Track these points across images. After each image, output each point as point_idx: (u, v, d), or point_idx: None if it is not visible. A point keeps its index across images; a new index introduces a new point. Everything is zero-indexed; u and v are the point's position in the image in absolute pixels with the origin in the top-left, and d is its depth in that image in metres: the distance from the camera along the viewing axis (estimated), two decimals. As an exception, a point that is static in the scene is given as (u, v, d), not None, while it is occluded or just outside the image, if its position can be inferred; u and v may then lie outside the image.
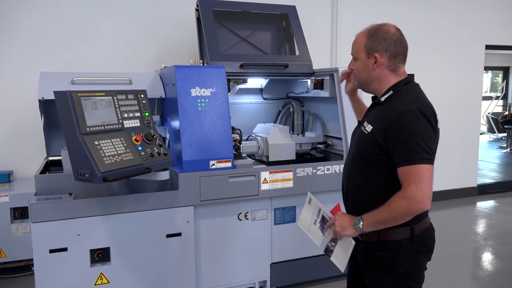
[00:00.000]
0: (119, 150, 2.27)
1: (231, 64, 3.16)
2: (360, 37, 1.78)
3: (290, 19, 3.65)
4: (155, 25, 4.19)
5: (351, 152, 1.86)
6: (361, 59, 1.78)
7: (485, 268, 3.78)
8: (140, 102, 2.54)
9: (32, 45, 3.82)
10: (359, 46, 1.78)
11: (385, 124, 1.63)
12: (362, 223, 1.66)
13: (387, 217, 1.61)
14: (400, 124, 1.60)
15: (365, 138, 1.72)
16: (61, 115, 2.21)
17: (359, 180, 1.78)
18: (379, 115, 1.71)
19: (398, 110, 1.63)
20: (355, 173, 1.80)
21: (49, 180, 2.62)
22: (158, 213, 2.66)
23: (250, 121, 3.77)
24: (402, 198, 1.57)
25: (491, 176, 7.16)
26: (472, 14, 5.67)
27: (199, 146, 2.76)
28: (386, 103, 1.72)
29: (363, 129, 1.75)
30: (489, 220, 5.08)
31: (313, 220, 1.87)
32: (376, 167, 1.70)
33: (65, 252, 2.46)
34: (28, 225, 3.29)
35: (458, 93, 5.73)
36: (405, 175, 1.58)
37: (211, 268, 2.93)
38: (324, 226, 1.81)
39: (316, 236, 1.86)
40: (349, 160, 1.87)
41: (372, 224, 1.65)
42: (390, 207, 1.59)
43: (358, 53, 1.78)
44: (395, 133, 1.60)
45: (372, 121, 1.73)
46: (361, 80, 1.82)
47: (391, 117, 1.62)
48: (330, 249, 1.79)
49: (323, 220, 1.81)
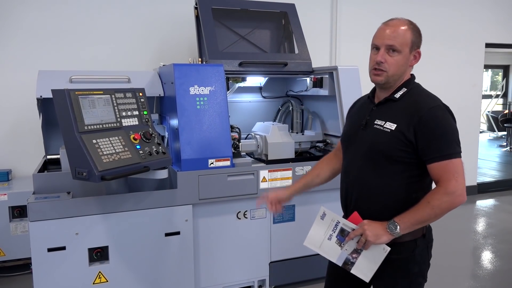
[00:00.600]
0: (117, 148, 2.26)
1: (230, 63, 3.15)
2: (404, 30, 1.66)
3: (289, 17, 3.64)
4: (154, 23, 4.18)
5: (359, 153, 1.73)
6: (404, 53, 1.66)
7: (485, 267, 3.77)
8: (139, 100, 2.53)
9: (31, 43, 3.81)
10: (405, 39, 1.65)
11: (414, 120, 1.59)
12: (399, 227, 1.58)
13: (429, 215, 1.57)
14: (432, 120, 1.58)
15: (390, 137, 1.63)
16: (59, 113, 2.20)
17: (375, 182, 1.68)
18: (401, 112, 1.65)
19: (427, 106, 1.61)
20: (368, 175, 1.69)
21: (48, 179, 2.62)
22: (156, 212, 2.66)
23: (249, 120, 3.76)
24: (443, 194, 1.55)
25: (491, 175, 7.16)
26: (472, 12, 5.66)
27: (198, 145, 2.75)
28: (401, 100, 1.69)
29: (381, 127, 1.66)
30: (489, 219, 5.07)
31: (327, 236, 1.70)
32: (397, 166, 1.64)
33: (63, 250, 2.45)
34: (26, 224, 3.28)
35: (458, 91, 5.71)
36: (442, 170, 1.57)
37: (209, 266, 2.93)
38: (343, 239, 1.66)
39: (332, 252, 1.70)
40: (357, 162, 1.74)
41: (411, 225, 1.59)
42: (431, 205, 1.55)
43: (403, 46, 1.65)
44: (428, 129, 1.58)
45: (392, 118, 1.65)
46: (395, 75, 1.67)
47: (421, 113, 1.59)
48: (350, 262, 1.66)
49: (342, 233, 1.67)
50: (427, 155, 1.59)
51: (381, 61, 1.65)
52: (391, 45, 1.65)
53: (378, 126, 1.67)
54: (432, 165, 1.59)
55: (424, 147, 1.59)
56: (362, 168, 1.72)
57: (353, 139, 1.78)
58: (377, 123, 1.68)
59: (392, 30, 1.66)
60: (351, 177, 1.77)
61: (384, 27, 1.69)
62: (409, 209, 1.59)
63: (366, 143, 1.71)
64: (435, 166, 1.58)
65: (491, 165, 8.08)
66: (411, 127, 1.60)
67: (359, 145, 1.74)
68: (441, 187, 1.57)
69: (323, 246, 1.71)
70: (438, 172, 1.58)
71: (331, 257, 1.71)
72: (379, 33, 1.70)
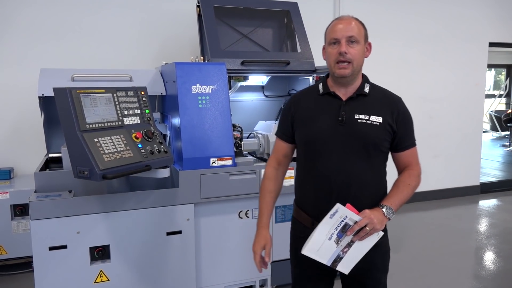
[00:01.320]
0: (118, 147, 2.26)
1: (232, 61, 3.14)
2: (356, 23, 1.73)
3: (291, 16, 3.62)
4: (156, 21, 4.17)
5: (347, 149, 1.70)
6: (362, 44, 1.72)
7: (488, 267, 3.76)
8: (140, 99, 2.52)
9: (32, 42, 3.81)
10: (360, 30, 1.71)
11: (394, 112, 1.73)
12: (393, 210, 1.67)
13: (409, 195, 1.73)
14: (406, 112, 1.77)
15: (381, 129, 1.70)
16: (61, 112, 2.20)
17: (367, 174, 1.71)
18: (379, 105, 1.73)
19: (397, 99, 1.79)
20: (360, 168, 1.70)
21: (49, 177, 2.61)
22: (158, 211, 2.65)
23: (251, 119, 3.74)
24: (417, 176, 1.78)
25: (494, 175, 7.13)
26: (475, 11, 5.63)
27: (200, 144, 2.74)
28: (371, 94, 1.76)
29: (367, 121, 1.69)
30: (491, 219, 5.05)
31: (328, 236, 1.63)
32: (382, 156, 1.77)
33: (64, 249, 2.45)
34: (28, 222, 3.28)
35: (461, 90, 5.70)
36: (412, 156, 1.79)
37: (211, 266, 2.92)
38: (342, 236, 1.63)
39: (327, 252, 1.65)
40: (345, 158, 1.70)
41: (398, 207, 1.70)
42: (412, 186, 1.74)
43: (360, 37, 1.70)
44: (405, 119, 1.75)
45: (374, 112, 1.71)
46: (358, 65, 1.72)
47: (399, 106, 1.76)
48: (339, 258, 1.65)
49: (343, 229, 1.62)
50: (403, 143, 1.76)
51: (345, 51, 1.67)
52: (351, 36, 1.69)
53: (363, 120, 1.70)
54: (405, 152, 1.78)
55: (402, 136, 1.75)
56: (355, 163, 1.70)
57: (328, 136, 1.72)
58: (360, 118, 1.70)
59: (347, 23, 1.71)
60: (340, 174, 1.70)
61: (338, 22, 1.73)
62: (392, 193, 1.73)
63: (355, 138, 1.69)
64: (407, 153, 1.78)
65: (494, 165, 8.04)
66: (394, 119, 1.73)
67: (343, 141, 1.70)
68: (413, 170, 1.78)
69: (321, 249, 1.65)
70: (409, 158, 1.79)
71: (324, 259, 1.66)
72: (336, 28, 1.72)
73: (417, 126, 4.16)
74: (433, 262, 3.81)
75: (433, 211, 5.31)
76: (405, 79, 5.30)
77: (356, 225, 1.60)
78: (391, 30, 5.17)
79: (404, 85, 5.29)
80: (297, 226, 1.89)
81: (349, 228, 1.61)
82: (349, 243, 1.64)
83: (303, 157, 1.83)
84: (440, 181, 5.73)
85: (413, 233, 4.54)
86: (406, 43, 5.27)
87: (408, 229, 4.67)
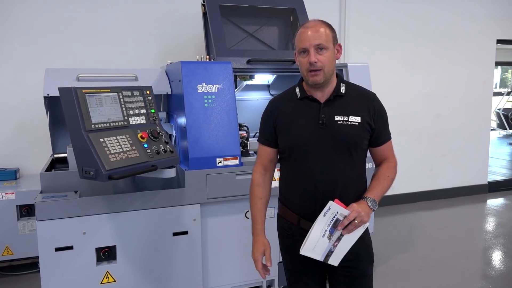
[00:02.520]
0: (124, 147, 2.24)
1: (238, 60, 3.11)
2: (323, 27, 1.73)
3: (297, 14, 3.59)
4: (161, 20, 4.15)
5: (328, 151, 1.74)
6: (330, 49, 1.73)
7: (497, 267, 3.71)
8: (146, 98, 2.50)
9: (37, 42, 3.80)
10: (327, 36, 1.72)
11: (371, 110, 1.78)
12: (376, 202, 1.72)
13: (389, 187, 1.81)
14: (381, 107, 1.83)
15: (360, 129, 1.75)
16: (66, 112, 2.18)
17: (350, 172, 1.77)
18: (356, 104, 1.78)
19: (372, 95, 1.84)
20: (344, 168, 1.75)
21: (55, 178, 2.60)
22: (164, 211, 2.63)
23: (256, 118, 3.66)
24: (395, 168, 1.85)
25: (502, 173, 7.07)
26: (482, 9, 5.57)
27: (206, 143, 2.72)
28: (347, 94, 1.79)
29: (346, 122, 1.74)
30: (500, 218, 5.00)
31: (322, 233, 1.67)
32: (363, 154, 1.82)
33: (70, 250, 2.44)
34: (34, 223, 3.28)
35: (468, 88, 5.64)
36: (388, 149, 1.86)
37: (218, 266, 2.90)
38: (333, 231, 1.67)
39: (320, 250, 1.69)
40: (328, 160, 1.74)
41: (379, 199, 1.76)
42: (390, 178, 1.81)
43: (328, 42, 1.72)
44: (381, 115, 1.81)
45: (352, 112, 1.75)
46: (330, 70, 1.74)
47: (374, 103, 1.81)
48: (330, 252, 1.70)
49: (334, 224, 1.67)
50: (380, 137, 1.82)
51: (315, 61, 1.70)
52: (318, 44, 1.70)
53: (343, 121, 1.75)
54: (382, 146, 1.84)
55: (379, 131, 1.81)
56: (338, 164, 1.75)
57: (311, 140, 1.76)
58: (339, 119, 1.75)
59: (314, 30, 1.72)
60: (325, 175, 1.75)
61: (305, 30, 1.73)
62: (373, 185, 1.78)
63: (337, 140, 1.74)
64: (384, 147, 1.85)
65: (501, 163, 7.98)
66: (371, 116, 1.78)
67: (326, 143, 1.75)
68: (391, 163, 1.86)
69: (316, 246, 1.69)
70: (386, 151, 1.86)
71: (318, 255, 1.70)
72: (303, 37, 1.73)
73: (425, 124, 4.15)
74: (441, 262, 3.77)
75: (441, 210, 5.26)
76: (412, 77, 5.25)
77: (346, 219, 1.64)
78: (397, 28, 5.12)
79: (411, 83, 5.25)
80: (283, 224, 1.92)
81: (339, 223, 1.66)
82: (339, 237, 1.68)
83: (287, 160, 1.86)
84: (448, 179, 5.68)
85: (422, 233, 4.50)
86: (412, 41, 5.21)
87: (416, 228, 4.63)
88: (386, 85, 4.91)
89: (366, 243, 1.86)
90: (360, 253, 1.82)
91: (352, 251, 1.72)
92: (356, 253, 1.77)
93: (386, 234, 4.43)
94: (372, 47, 4.90)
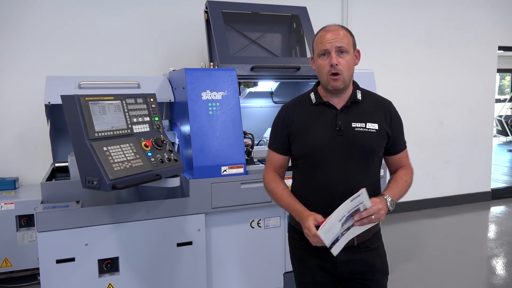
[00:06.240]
0: (128, 156, 2.19)
1: (241, 67, 3.07)
2: (344, 32, 1.71)
3: (301, 20, 3.57)
4: (163, 27, 4.13)
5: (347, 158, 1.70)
6: (351, 53, 1.71)
7: (501, 275, 3.66)
8: (150, 106, 2.46)
9: (38, 49, 3.76)
10: (348, 40, 1.70)
11: (388, 117, 1.76)
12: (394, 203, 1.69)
13: (405, 192, 1.78)
14: (398, 115, 1.82)
15: (378, 136, 1.73)
16: (69, 120, 2.13)
17: (367, 180, 1.72)
18: (373, 111, 1.75)
19: (388, 103, 1.82)
20: (360, 175, 1.71)
21: (56, 188, 2.54)
22: (168, 221, 2.57)
23: (260, 126, 3.67)
24: (411, 174, 1.83)
25: (503, 180, 7.04)
26: (484, 15, 5.57)
27: (211, 152, 2.67)
28: (363, 100, 1.77)
29: (364, 129, 1.71)
30: (503, 226, 4.95)
31: (339, 218, 1.59)
32: (379, 160, 1.80)
33: (72, 262, 2.37)
34: (34, 233, 3.21)
35: (470, 95, 5.62)
36: (405, 156, 1.86)
37: (223, 277, 2.83)
38: (348, 219, 1.59)
39: (331, 235, 1.60)
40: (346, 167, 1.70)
41: (397, 201, 1.73)
42: (408, 183, 1.79)
43: (349, 46, 1.70)
44: (398, 123, 1.80)
45: (370, 119, 1.73)
46: (349, 75, 1.72)
47: (391, 110, 1.79)
48: (336, 240, 1.61)
49: (354, 213, 1.58)
50: (397, 145, 1.81)
51: (336, 63, 1.66)
52: (340, 47, 1.67)
53: (360, 128, 1.71)
54: (400, 154, 1.83)
55: (396, 139, 1.80)
56: (355, 171, 1.71)
57: (327, 147, 1.71)
58: (357, 126, 1.71)
59: (335, 34, 1.69)
60: (341, 183, 1.70)
61: (326, 33, 1.70)
62: (392, 186, 1.75)
63: (354, 147, 1.70)
64: (401, 155, 1.83)
65: (503, 170, 7.95)
66: (388, 123, 1.76)
67: (342, 150, 1.70)
68: (408, 169, 1.84)
69: (330, 231, 1.60)
70: (402, 158, 1.84)
71: (327, 240, 1.60)
72: (324, 39, 1.69)
73: (428, 131, 4.10)
74: (446, 270, 3.72)
75: (444, 218, 5.21)
76: (414, 84, 5.23)
77: (366, 211, 1.57)
78: (400, 34, 5.11)
79: (413, 90, 5.23)
80: (296, 234, 1.85)
81: (357, 213, 1.59)
82: (349, 226, 1.62)
83: (302, 167, 1.80)
84: (451, 187, 5.64)
85: (426, 241, 4.45)
86: (415, 47, 5.20)
87: (420, 237, 4.58)
88: (388, 92, 4.83)
89: (380, 255, 1.82)
90: (375, 265, 1.77)
91: (367, 263, 1.67)
92: (371, 264, 1.72)
93: (391, 243, 4.36)
94: (375, 55, 4.87)
